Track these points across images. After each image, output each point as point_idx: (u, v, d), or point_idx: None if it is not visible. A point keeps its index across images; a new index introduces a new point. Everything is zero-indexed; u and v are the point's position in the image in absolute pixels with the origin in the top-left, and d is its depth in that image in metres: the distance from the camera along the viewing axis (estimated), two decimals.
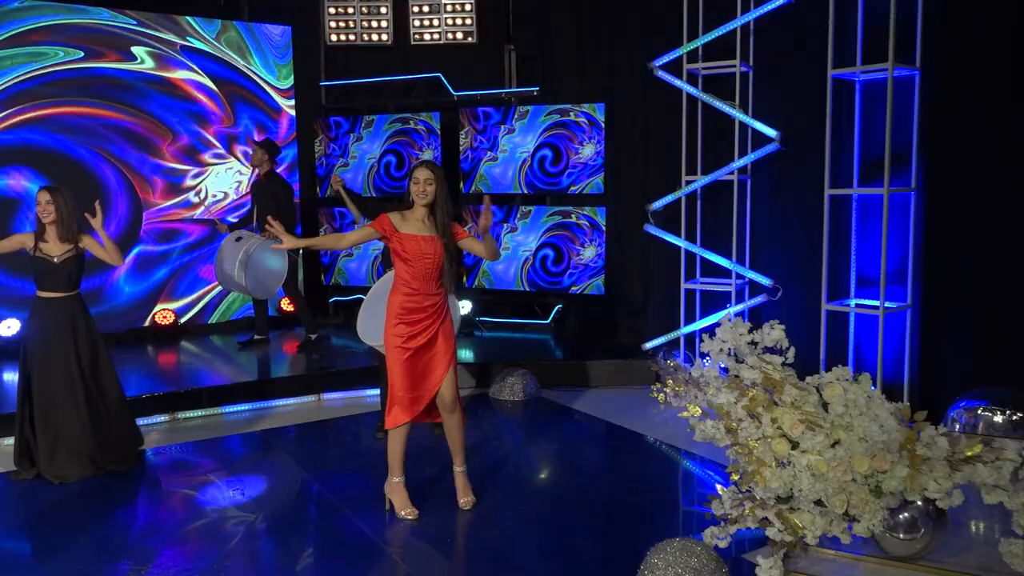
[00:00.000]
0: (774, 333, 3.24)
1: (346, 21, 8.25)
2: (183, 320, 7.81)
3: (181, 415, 5.69)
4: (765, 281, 5.80)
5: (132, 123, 7.51)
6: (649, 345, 6.21)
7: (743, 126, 5.84)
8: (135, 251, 7.55)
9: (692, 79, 6.15)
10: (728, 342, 3.27)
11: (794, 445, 3.15)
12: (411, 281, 3.90)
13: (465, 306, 7.78)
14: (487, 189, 7.87)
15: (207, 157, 7.92)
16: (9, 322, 6.98)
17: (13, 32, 6.98)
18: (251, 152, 7.35)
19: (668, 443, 5.10)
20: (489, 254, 4.05)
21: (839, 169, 5.43)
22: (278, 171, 7.28)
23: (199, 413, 5.74)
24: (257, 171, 7.11)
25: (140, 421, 5.43)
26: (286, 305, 7.98)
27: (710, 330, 6.15)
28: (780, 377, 3.15)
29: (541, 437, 5.45)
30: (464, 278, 7.70)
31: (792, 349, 3.22)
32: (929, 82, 5.05)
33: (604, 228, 7.45)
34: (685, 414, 3.34)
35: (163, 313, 7.68)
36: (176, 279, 7.81)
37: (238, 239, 6.34)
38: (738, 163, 5.74)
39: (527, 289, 7.80)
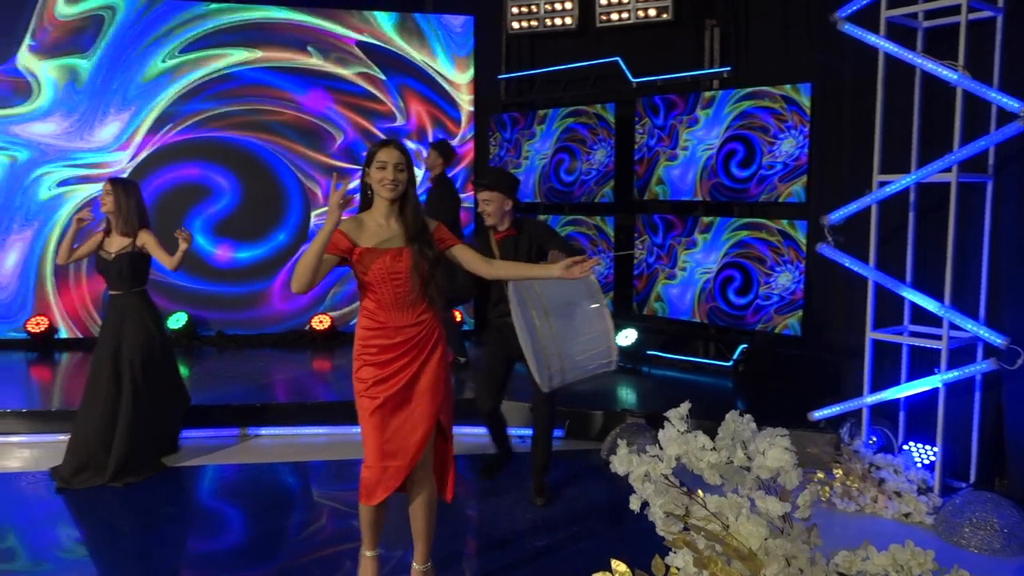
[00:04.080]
0: (772, 454, 1.66)
1: (529, 6, 7.33)
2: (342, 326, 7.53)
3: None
4: (996, 340, 3.71)
5: (301, 122, 7.37)
6: (817, 415, 4.35)
7: (972, 101, 3.82)
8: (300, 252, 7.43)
9: (906, 33, 4.21)
10: (678, 458, 1.76)
11: None
12: (376, 312, 2.86)
13: (629, 336, 6.44)
14: (663, 196, 6.43)
15: None
16: (178, 315, 7.16)
17: (202, 32, 7.17)
18: (426, 153, 6.79)
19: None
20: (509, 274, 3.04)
21: None
22: (450, 175, 6.58)
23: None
24: (429, 173, 6.50)
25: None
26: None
27: (915, 400, 4.19)
28: (755, 548, 1.59)
29: (606, 529, 3.97)
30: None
31: (806, 492, 1.63)
32: None
33: (805, 248, 5.63)
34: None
35: (320, 318, 7.44)
36: (341, 285, 7.54)
37: None
38: (957, 155, 3.72)
39: (702, 320, 6.21)
